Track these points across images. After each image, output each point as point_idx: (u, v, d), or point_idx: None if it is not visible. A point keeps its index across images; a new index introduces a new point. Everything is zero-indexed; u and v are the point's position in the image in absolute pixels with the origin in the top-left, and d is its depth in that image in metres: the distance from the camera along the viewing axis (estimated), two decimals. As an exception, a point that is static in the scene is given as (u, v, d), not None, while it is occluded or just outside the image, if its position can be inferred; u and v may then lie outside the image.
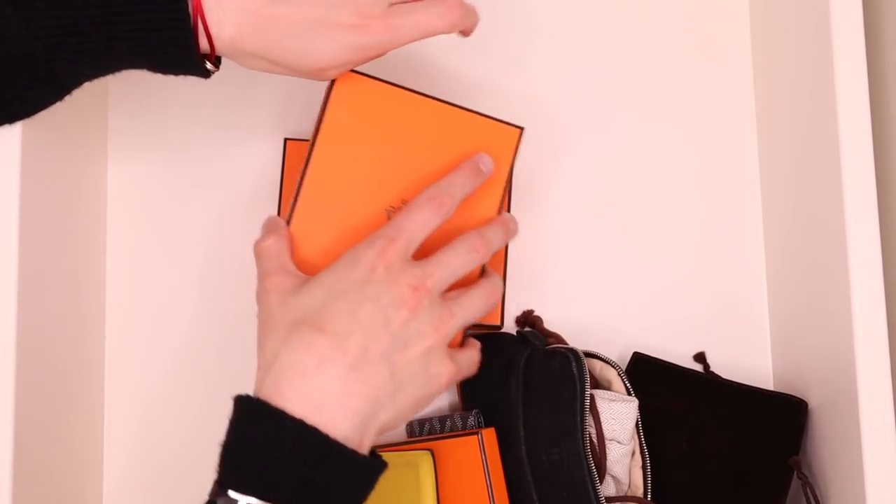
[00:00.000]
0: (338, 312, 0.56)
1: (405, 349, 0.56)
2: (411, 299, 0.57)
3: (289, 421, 0.53)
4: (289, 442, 0.52)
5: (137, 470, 0.76)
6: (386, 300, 0.56)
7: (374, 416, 0.55)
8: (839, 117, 0.66)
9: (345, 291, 0.57)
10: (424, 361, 0.57)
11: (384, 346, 0.56)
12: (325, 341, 0.55)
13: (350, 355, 0.55)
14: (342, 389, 0.54)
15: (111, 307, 0.77)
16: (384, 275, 0.57)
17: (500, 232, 0.63)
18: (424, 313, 0.57)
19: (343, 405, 0.54)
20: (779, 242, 0.77)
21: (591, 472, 0.66)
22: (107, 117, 0.79)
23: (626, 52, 0.81)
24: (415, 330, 0.57)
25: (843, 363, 0.65)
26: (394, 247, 0.58)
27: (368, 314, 0.56)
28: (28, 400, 0.64)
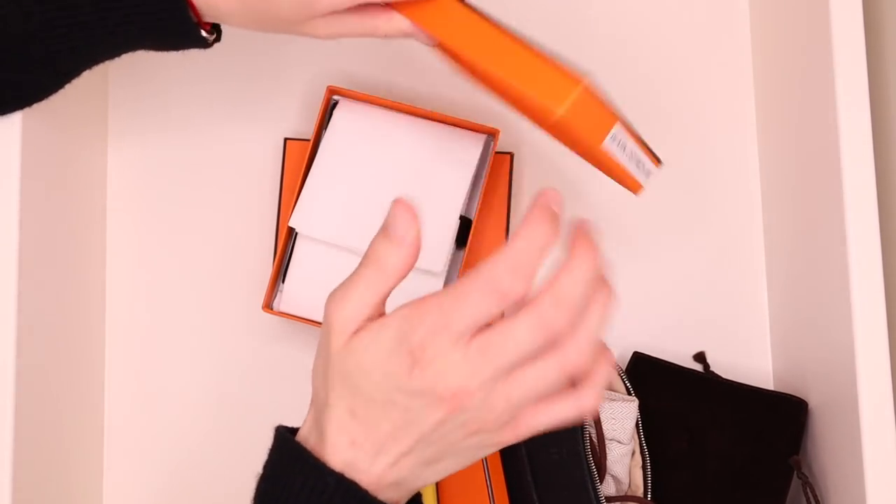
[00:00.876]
0: (370, 401, 0.49)
1: (442, 441, 0.49)
2: (454, 403, 0.47)
3: (329, 477, 0.49)
4: (327, 495, 0.49)
5: (137, 470, 0.76)
6: (420, 405, 0.47)
7: (411, 484, 0.51)
8: (839, 117, 0.66)
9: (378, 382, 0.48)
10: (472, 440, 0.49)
11: (417, 438, 0.49)
12: (356, 426, 0.49)
13: (378, 445, 0.49)
14: (370, 470, 0.50)
15: (111, 295, 0.77)
16: (419, 382, 0.47)
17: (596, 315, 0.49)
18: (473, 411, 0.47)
19: (372, 481, 0.49)
20: (779, 243, 0.77)
21: (591, 472, 0.66)
22: (107, 105, 0.79)
23: (625, 51, 0.81)
24: (461, 430, 0.48)
25: (843, 363, 0.65)
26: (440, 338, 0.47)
27: (399, 415, 0.48)
28: (28, 392, 0.64)
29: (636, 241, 0.79)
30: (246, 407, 0.76)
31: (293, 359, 0.76)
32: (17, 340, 0.63)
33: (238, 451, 0.75)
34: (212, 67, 0.79)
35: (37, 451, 0.66)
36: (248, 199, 0.78)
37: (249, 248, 0.78)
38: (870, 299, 0.64)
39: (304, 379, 0.66)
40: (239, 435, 0.76)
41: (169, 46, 0.60)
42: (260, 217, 0.78)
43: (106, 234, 0.78)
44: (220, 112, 0.79)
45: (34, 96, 0.62)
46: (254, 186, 0.78)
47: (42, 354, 0.67)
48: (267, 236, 0.77)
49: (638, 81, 0.80)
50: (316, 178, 0.72)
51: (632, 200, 0.79)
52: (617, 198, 0.79)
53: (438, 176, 0.72)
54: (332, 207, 0.71)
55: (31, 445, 0.64)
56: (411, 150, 0.72)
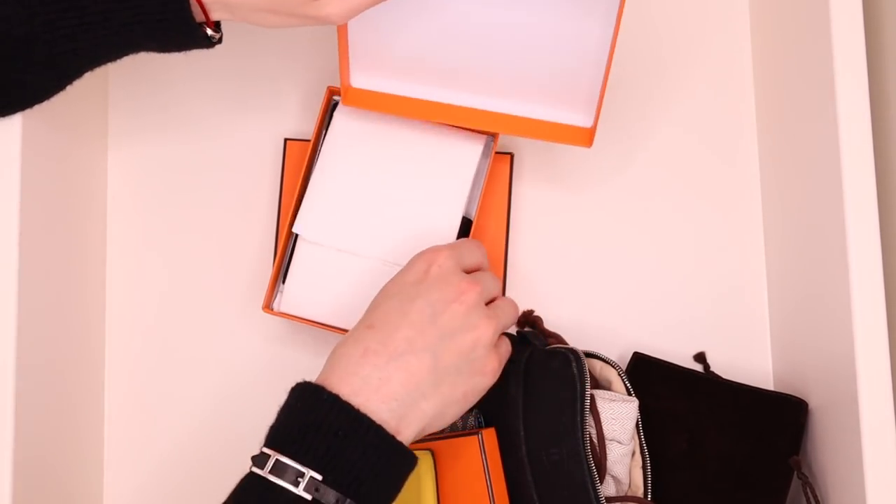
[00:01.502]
0: (388, 310, 0.60)
1: (451, 341, 0.60)
2: (462, 295, 0.61)
3: (325, 394, 0.56)
4: (322, 412, 0.56)
5: (137, 470, 0.76)
6: (436, 296, 0.60)
7: (415, 405, 0.58)
8: (839, 117, 0.66)
9: (398, 292, 0.61)
10: (471, 353, 0.60)
11: (429, 338, 0.59)
12: (371, 335, 0.59)
13: (392, 347, 0.58)
14: (380, 376, 0.57)
15: (111, 295, 0.77)
16: (437, 274, 0.61)
17: None
18: (474, 308, 0.61)
19: (380, 390, 0.57)
20: (779, 243, 0.77)
21: (592, 472, 0.66)
22: (107, 105, 0.79)
23: (625, 52, 0.81)
24: (463, 324, 0.60)
25: (843, 363, 0.65)
26: (447, 253, 0.62)
27: (417, 309, 0.59)
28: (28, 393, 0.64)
29: (636, 241, 0.79)
30: (245, 407, 0.76)
31: (293, 359, 0.76)
32: (17, 340, 0.63)
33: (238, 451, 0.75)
34: (212, 68, 0.79)
35: (37, 452, 0.66)
36: (248, 199, 0.78)
37: (249, 249, 0.78)
38: (870, 299, 0.64)
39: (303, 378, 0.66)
40: (239, 435, 0.75)
41: (172, 47, 0.60)
42: (260, 217, 0.78)
43: (106, 233, 0.78)
44: (219, 112, 0.79)
45: (36, 97, 0.62)
46: (254, 186, 0.78)
47: (42, 354, 0.67)
48: (267, 236, 0.77)
49: (638, 81, 0.80)
50: (318, 182, 0.72)
51: (631, 200, 0.79)
52: (616, 199, 0.79)
53: (439, 177, 0.72)
54: (335, 211, 0.71)
55: (32, 446, 0.64)
56: (412, 151, 0.72)
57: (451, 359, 0.59)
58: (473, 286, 0.61)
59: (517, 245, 0.78)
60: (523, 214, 0.78)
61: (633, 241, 0.79)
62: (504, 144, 0.78)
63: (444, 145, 0.72)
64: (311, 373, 0.64)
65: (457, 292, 0.61)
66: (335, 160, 0.72)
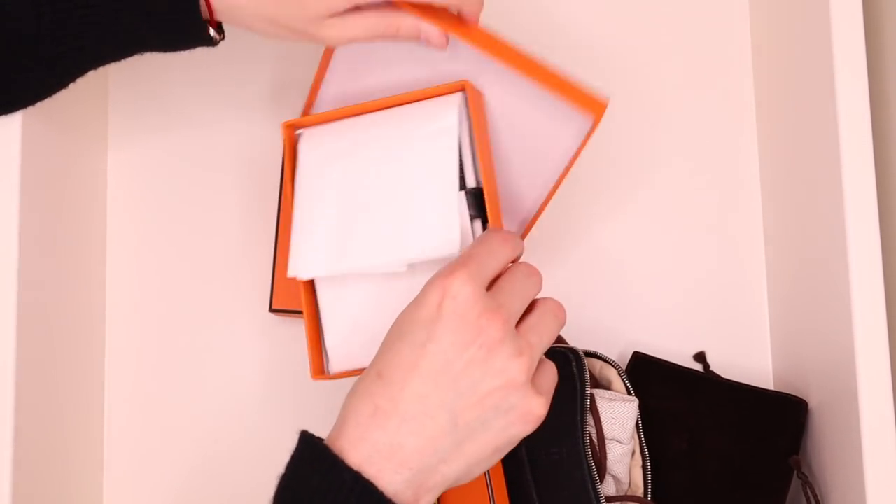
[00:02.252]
0: (398, 355, 0.52)
1: (473, 394, 0.51)
2: (481, 335, 0.51)
3: (345, 473, 0.50)
4: (344, 492, 0.50)
5: (138, 471, 0.76)
6: (450, 340, 0.51)
7: (433, 470, 0.51)
8: (839, 117, 0.66)
9: (409, 332, 0.52)
10: (502, 404, 0.51)
11: (446, 393, 0.51)
12: (380, 389, 0.52)
13: (403, 406, 0.51)
14: (392, 442, 0.51)
15: (112, 296, 0.77)
16: (450, 310, 0.51)
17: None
18: (497, 351, 0.51)
19: (392, 458, 0.51)
20: (779, 242, 0.77)
21: (592, 472, 0.66)
22: (107, 105, 0.79)
23: (625, 52, 0.81)
24: (486, 371, 0.51)
25: (843, 363, 0.65)
26: (461, 278, 0.52)
27: (429, 358, 0.51)
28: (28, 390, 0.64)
29: (636, 240, 0.79)
30: (246, 408, 0.76)
31: (293, 359, 0.76)
32: (17, 341, 0.63)
33: (238, 452, 0.75)
34: (212, 68, 0.79)
35: (37, 454, 0.66)
36: (248, 199, 0.78)
37: (250, 249, 0.78)
38: (870, 299, 0.64)
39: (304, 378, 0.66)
40: (239, 435, 0.76)
41: (177, 46, 0.60)
42: (260, 217, 0.78)
43: (106, 234, 0.78)
44: (219, 112, 0.79)
45: (38, 95, 0.62)
46: (254, 186, 0.78)
47: (42, 355, 0.67)
48: (267, 237, 0.77)
49: (638, 81, 0.80)
50: (301, 217, 0.66)
51: (631, 200, 0.79)
52: (616, 199, 0.79)
53: (422, 156, 0.64)
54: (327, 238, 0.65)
55: (31, 448, 0.64)
56: (386, 143, 0.66)
57: (474, 414, 0.51)
58: (494, 319, 0.51)
59: (517, 245, 0.78)
60: (523, 214, 0.78)
61: (633, 240, 0.79)
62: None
63: (416, 123, 0.66)
64: (312, 372, 0.64)
65: (475, 333, 0.51)
66: (313, 189, 0.66)
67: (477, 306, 0.51)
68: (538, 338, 0.54)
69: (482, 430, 0.52)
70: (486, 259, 0.54)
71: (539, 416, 0.52)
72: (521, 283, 0.54)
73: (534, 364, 0.53)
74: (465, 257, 0.54)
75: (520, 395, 0.51)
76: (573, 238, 0.79)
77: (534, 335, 0.53)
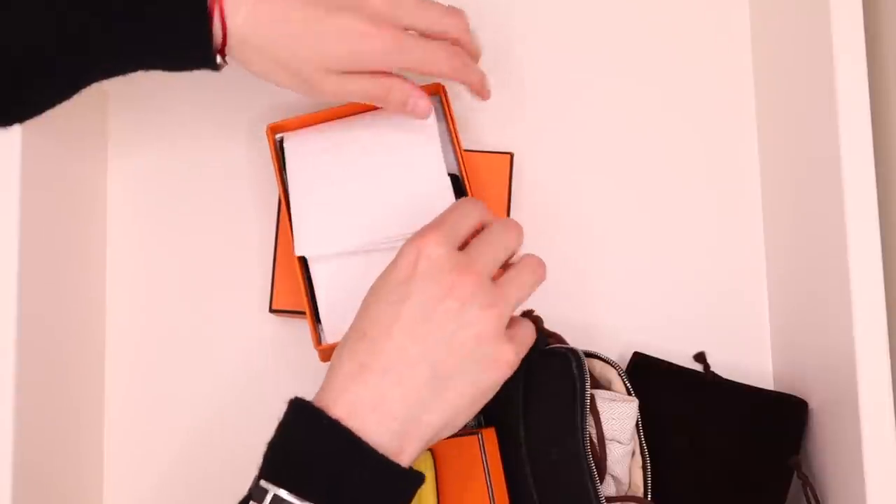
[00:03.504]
0: (378, 314, 0.56)
1: (449, 342, 0.55)
2: (453, 289, 0.55)
3: (325, 420, 0.54)
4: (322, 441, 0.53)
5: (138, 472, 0.76)
6: (425, 295, 0.55)
7: (417, 420, 0.55)
8: (839, 117, 0.66)
9: (387, 292, 0.56)
10: (476, 350, 0.55)
11: (424, 345, 0.55)
12: (363, 346, 0.55)
13: (385, 359, 0.55)
14: (376, 395, 0.54)
15: (112, 305, 0.77)
16: (425, 269, 0.56)
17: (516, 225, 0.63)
18: (471, 300, 0.55)
19: (377, 410, 0.54)
20: (779, 242, 0.77)
21: (592, 472, 0.66)
22: (107, 115, 0.79)
23: (625, 51, 0.81)
24: (462, 320, 0.55)
25: (843, 363, 0.65)
26: (434, 239, 0.57)
27: (407, 313, 0.55)
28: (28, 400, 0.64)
29: (636, 240, 0.79)
30: (246, 409, 0.76)
31: (293, 360, 0.76)
32: (17, 347, 0.63)
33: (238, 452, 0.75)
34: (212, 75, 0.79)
35: (37, 455, 0.66)
36: (249, 197, 0.78)
37: (251, 249, 0.78)
38: (870, 299, 0.64)
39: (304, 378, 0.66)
40: (239, 436, 0.75)
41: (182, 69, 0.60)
42: (261, 218, 0.78)
43: (106, 234, 0.78)
44: (220, 114, 0.79)
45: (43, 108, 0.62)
46: (254, 187, 0.78)
47: (42, 360, 0.67)
48: (267, 237, 0.77)
49: (638, 81, 0.80)
50: (298, 203, 0.71)
51: (632, 200, 0.79)
52: (617, 199, 0.79)
53: (408, 148, 0.71)
54: (327, 218, 0.70)
55: (32, 449, 0.64)
56: (371, 138, 0.71)
57: (451, 363, 0.55)
58: (465, 274, 0.56)
59: (517, 245, 0.78)
60: (523, 214, 0.78)
61: (634, 240, 0.79)
62: (504, 144, 0.78)
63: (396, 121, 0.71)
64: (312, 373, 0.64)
65: (448, 286, 0.55)
66: (304, 177, 0.71)
67: (449, 263, 0.56)
68: (514, 290, 0.58)
69: (460, 378, 0.55)
70: (458, 220, 0.59)
71: (509, 361, 0.56)
72: (495, 238, 0.59)
73: (506, 315, 0.57)
74: (436, 221, 0.58)
75: (492, 344, 0.56)
76: (573, 238, 0.79)
77: (510, 287, 0.58)
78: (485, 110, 0.78)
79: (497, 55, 0.80)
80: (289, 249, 0.71)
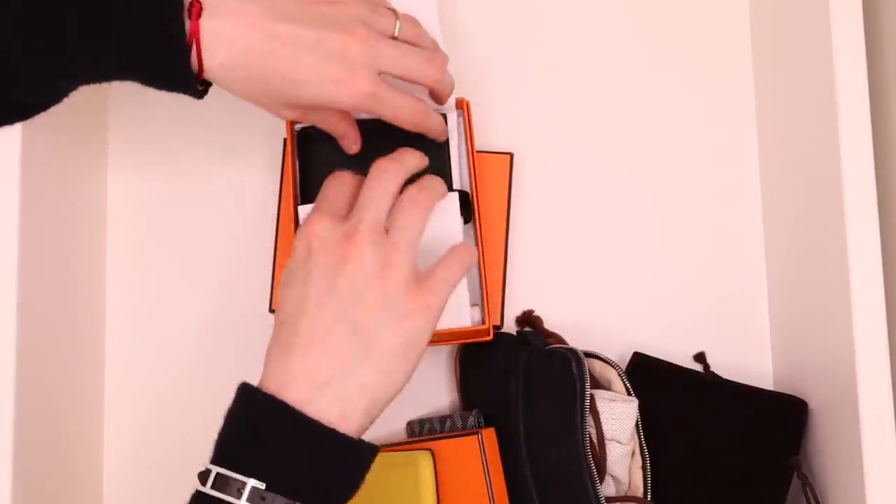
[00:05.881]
0: (289, 298, 0.58)
1: (359, 301, 0.56)
2: (348, 251, 0.57)
3: (258, 395, 0.55)
4: (257, 414, 0.55)
5: (137, 471, 0.76)
6: (325, 266, 0.57)
7: (350, 380, 0.55)
8: (839, 118, 0.66)
9: (293, 279, 0.59)
10: (386, 302, 0.57)
11: (336, 307, 0.56)
12: (284, 330, 0.57)
13: (305, 332, 0.56)
14: (305, 364, 0.55)
15: (111, 315, 0.77)
16: (319, 245, 0.58)
17: (412, 154, 0.64)
18: (367, 257, 0.57)
19: (309, 379, 0.55)
20: (779, 243, 0.77)
21: (591, 473, 0.66)
22: (106, 125, 0.79)
23: (625, 52, 0.81)
24: (363, 277, 0.57)
25: (843, 364, 0.65)
26: (316, 216, 0.59)
27: (314, 288, 0.57)
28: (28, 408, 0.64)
29: (636, 240, 0.79)
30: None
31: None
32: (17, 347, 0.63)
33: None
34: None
35: (37, 456, 0.66)
36: (248, 200, 0.78)
37: (251, 249, 0.78)
38: (870, 299, 0.64)
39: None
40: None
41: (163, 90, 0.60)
42: (261, 218, 0.78)
43: (106, 233, 0.78)
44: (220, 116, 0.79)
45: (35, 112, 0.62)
46: (254, 187, 0.78)
47: (43, 361, 0.67)
48: (267, 237, 0.77)
49: (638, 81, 0.80)
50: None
51: (632, 201, 0.79)
52: (617, 199, 0.79)
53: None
54: None
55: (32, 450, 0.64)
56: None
57: (366, 318, 0.56)
58: (354, 238, 0.57)
59: (517, 245, 0.78)
60: (523, 214, 0.78)
61: (634, 240, 0.79)
62: (504, 144, 0.78)
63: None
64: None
65: (342, 256, 0.57)
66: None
67: (337, 234, 0.58)
68: (403, 233, 0.59)
69: (383, 331, 0.56)
70: (333, 193, 0.62)
71: (426, 303, 0.57)
72: (371, 193, 0.60)
73: (405, 261, 0.58)
74: (315, 204, 0.62)
75: (402, 294, 0.57)
76: (572, 238, 0.79)
77: (397, 233, 0.59)
78: (485, 110, 0.78)
79: (497, 55, 0.80)
80: (289, 249, 0.71)
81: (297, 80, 0.59)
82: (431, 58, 0.64)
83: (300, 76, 0.59)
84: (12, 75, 0.57)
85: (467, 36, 0.80)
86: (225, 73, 0.58)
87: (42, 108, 0.62)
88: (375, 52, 0.60)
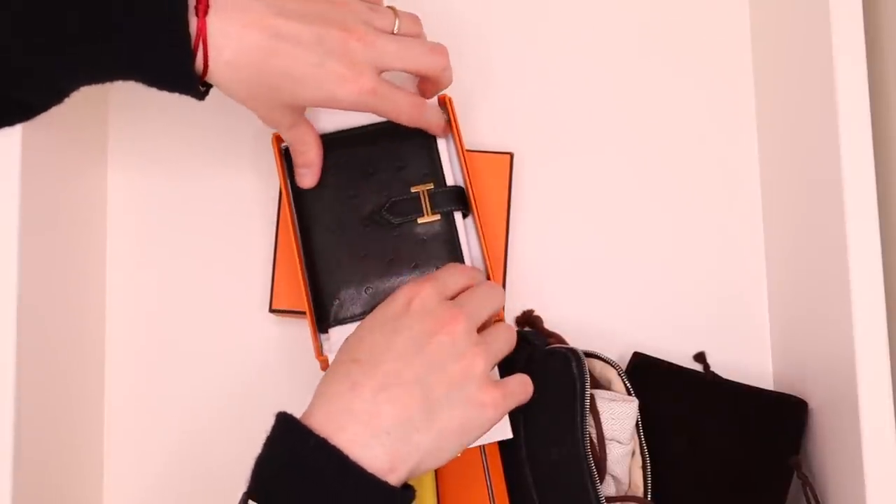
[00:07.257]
0: (372, 343, 0.58)
1: (441, 371, 0.57)
2: (446, 326, 0.58)
3: (312, 439, 0.54)
4: (310, 459, 0.53)
5: (138, 473, 0.76)
6: (419, 328, 0.58)
7: (407, 438, 0.55)
8: (839, 118, 0.66)
9: (381, 325, 0.59)
10: (463, 384, 0.58)
11: (417, 369, 0.57)
12: (357, 369, 0.57)
13: (380, 379, 0.56)
14: (369, 410, 0.55)
15: (111, 314, 0.77)
16: (419, 308, 0.59)
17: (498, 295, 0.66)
18: (461, 338, 0.58)
19: (369, 424, 0.55)
20: (779, 243, 0.77)
21: (592, 473, 0.66)
22: (106, 125, 0.79)
23: (625, 52, 0.81)
24: (450, 354, 0.58)
25: (843, 363, 0.65)
26: (429, 285, 0.61)
27: (402, 342, 0.58)
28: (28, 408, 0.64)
29: (636, 241, 0.79)
30: (245, 410, 0.76)
31: (293, 360, 0.76)
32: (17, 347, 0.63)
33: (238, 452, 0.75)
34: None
35: (38, 456, 0.66)
36: (248, 200, 0.78)
37: (251, 249, 0.78)
38: (870, 299, 0.64)
39: (304, 378, 0.66)
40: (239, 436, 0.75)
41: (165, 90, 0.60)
42: (261, 218, 0.78)
43: (106, 233, 0.78)
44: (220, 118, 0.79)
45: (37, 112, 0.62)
46: (254, 187, 0.78)
47: (43, 361, 0.67)
48: (267, 237, 0.77)
49: (638, 81, 0.80)
50: None
51: (632, 201, 0.79)
52: (617, 199, 0.79)
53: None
54: None
55: (32, 450, 0.64)
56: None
57: (441, 390, 0.57)
58: (458, 317, 0.59)
59: (517, 245, 0.78)
60: (523, 214, 0.78)
61: (634, 240, 0.79)
62: (504, 144, 0.78)
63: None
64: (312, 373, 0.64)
65: (441, 323, 0.58)
66: None
67: (441, 306, 0.60)
68: (495, 341, 0.61)
69: (450, 408, 0.57)
70: (448, 278, 0.63)
71: (495, 403, 0.58)
72: (482, 294, 0.63)
73: (490, 362, 0.59)
74: (430, 276, 0.63)
75: (478, 382, 0.58)
76: (572, 238, 0.79)
77: (491, 338, 0.61)
78: (485, 110, 0.78)
79: (497, 55, 0.80)
80: (289, 249, 0.71)
81: (299, 78, 0.59)
82: (434, 47, 0.64)
83: (302, 73, 0.59)
84: (13, 75, 0.57)
85: (467, 36, 0.80)
86: (229, 72, 0.58)
87: (43, 108, 0.62)
88: (376, 49, 0.60)
